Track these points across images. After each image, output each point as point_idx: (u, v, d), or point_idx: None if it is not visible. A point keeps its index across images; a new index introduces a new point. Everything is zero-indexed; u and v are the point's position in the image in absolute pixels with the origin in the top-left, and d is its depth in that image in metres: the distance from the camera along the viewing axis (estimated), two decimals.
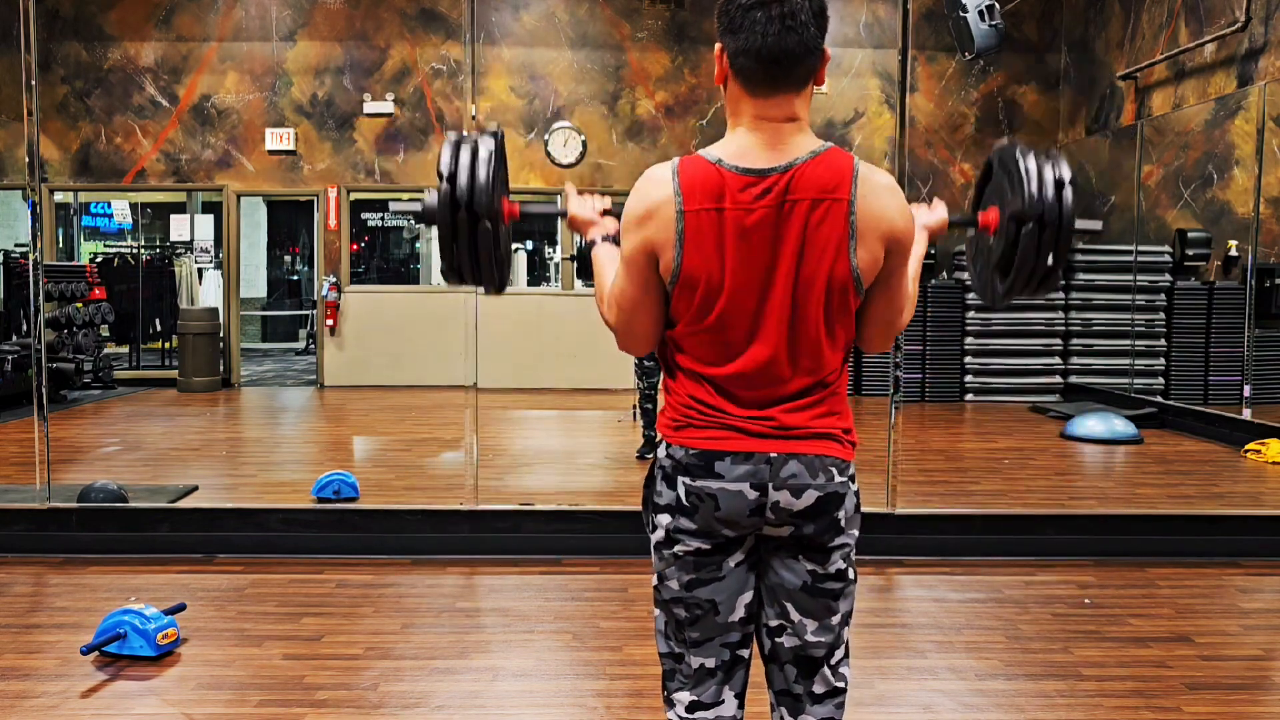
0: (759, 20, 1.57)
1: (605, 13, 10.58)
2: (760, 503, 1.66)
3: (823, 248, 1.59)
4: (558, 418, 9.19)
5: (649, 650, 3.36)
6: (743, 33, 1.58)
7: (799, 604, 1.71)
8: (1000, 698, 3.07)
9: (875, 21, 10.58)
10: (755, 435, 1.66)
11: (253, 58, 10.52)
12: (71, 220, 12.33)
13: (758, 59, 1.58)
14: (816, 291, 1.62)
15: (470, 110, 5.02)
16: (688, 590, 1.71)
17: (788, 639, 1.72)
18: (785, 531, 1.69)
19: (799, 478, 1.66)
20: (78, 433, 7.85)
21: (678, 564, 1.71)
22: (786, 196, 1.59)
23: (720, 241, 1.60)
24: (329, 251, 10.67)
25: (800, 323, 1.64)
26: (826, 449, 1.69)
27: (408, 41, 10.55)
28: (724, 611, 1.71)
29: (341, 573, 4.23)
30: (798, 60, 1.58)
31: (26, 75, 4.62)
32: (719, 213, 1.59)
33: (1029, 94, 10.75)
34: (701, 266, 1.60)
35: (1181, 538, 4.55)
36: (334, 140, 10.60)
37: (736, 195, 1.59)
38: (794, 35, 1.57)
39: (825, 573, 1.70)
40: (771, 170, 1.59)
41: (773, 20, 1.56)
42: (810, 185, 1.59)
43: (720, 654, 1.73)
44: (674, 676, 1.77)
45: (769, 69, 1.58)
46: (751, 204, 1.59)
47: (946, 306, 9.75)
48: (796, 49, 1.58)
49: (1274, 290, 8.10)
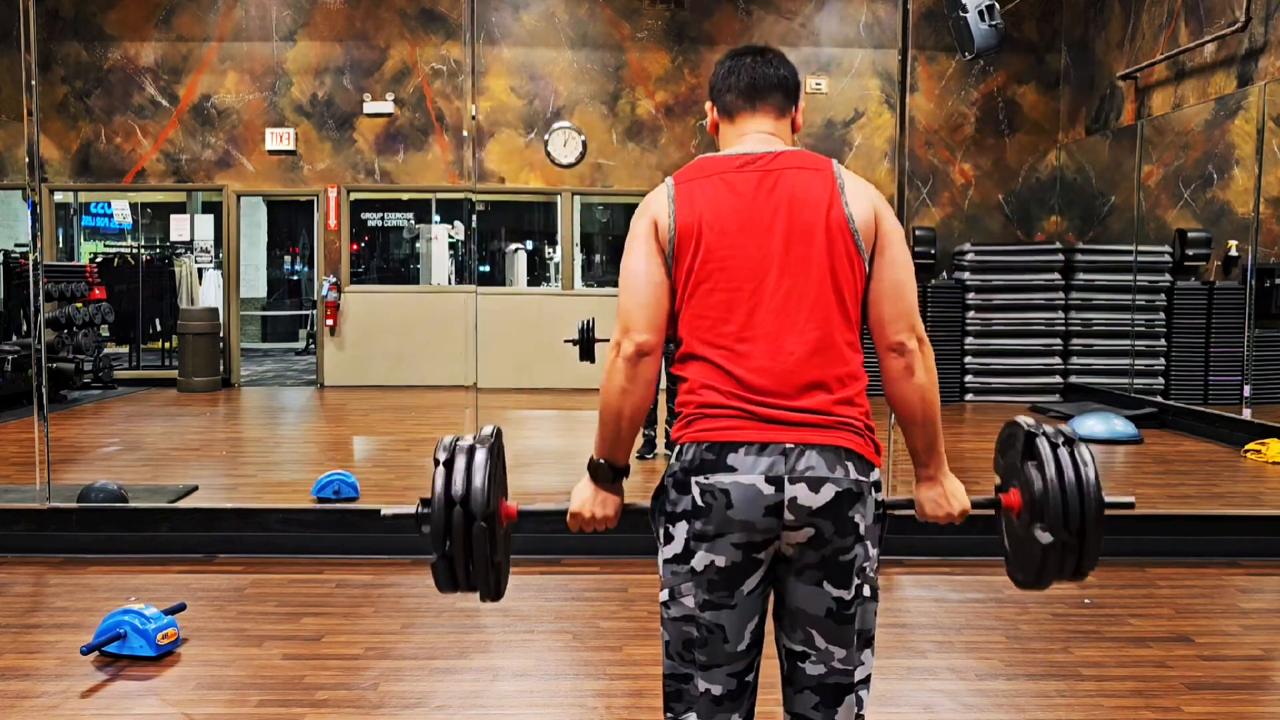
0: (738, 67, 1.88)
1: (605, 13, 10.58)
2: (777, 500, 1.63)
3: (815, 201, 1.73)
4: (558, 418, 9.19)
5: (649, 650, 3.36)
6: (728, 79, 1.88)
7: (825, 631, 1.69)
8: (1000, 698, 3.07)
9: (875, 21, 10.58)
10: (770, 422, 1.65)
11: (253, 58, 10.52)
12: (71, 220, 12.32)
13: (738, 90, 1.87)
14: (817, 241, 1.71)
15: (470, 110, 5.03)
16: (701, 610, 1.68)
17: (811, 666, 1.70)
18: (804, 536, 1.65)
19: (816, 470, 1.63)
20: (78, 433, 7.85)
21: (694, 580, 1.68)
22: (773, 166, 1.77)
23: (712, 198, 1.74)
24: (329, 251, 10.67)
25: (804, 277, 1.68)
26: (846, 440, 1.66)
27: (408, 41, 10.55)
28: (732, 640, 1.69)
29: (341, 573, 4.23)
30: (773, 86, 1.86)
31: (26, 75, 4.62)
32: (708, 179, 1.77)
33: (1029, 94, 10.75)
34: (694, 216, 1.73)
35: (1181, 538, 4.55)
36: (334, 140, 10.59)
37: (725, 170, 1.78)
38: (769, 68, 1.86)
39: (849, 597, 1.68)
40: (759, 153, 1.79)
41: (749, 65, 1.87)
42: (795, 161, 1.78)
43: (728, 683, 1.71)
44: (680, 698, 1.74)
45: (748, 92, 1.86)
46: (740, 170, 1.77)
47: (946, 306, 9.75)
48: (772, 76, 1.86)
49: (1274, 290, 8.10)
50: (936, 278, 10.16)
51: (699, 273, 1.71)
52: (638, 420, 1.74)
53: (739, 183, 1.74)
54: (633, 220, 1.79)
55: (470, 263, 12.90)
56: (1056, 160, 10.77)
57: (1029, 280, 9.74)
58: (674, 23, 10.57)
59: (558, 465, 6.91)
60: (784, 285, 1.69)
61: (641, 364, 1.71)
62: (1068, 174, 10.74)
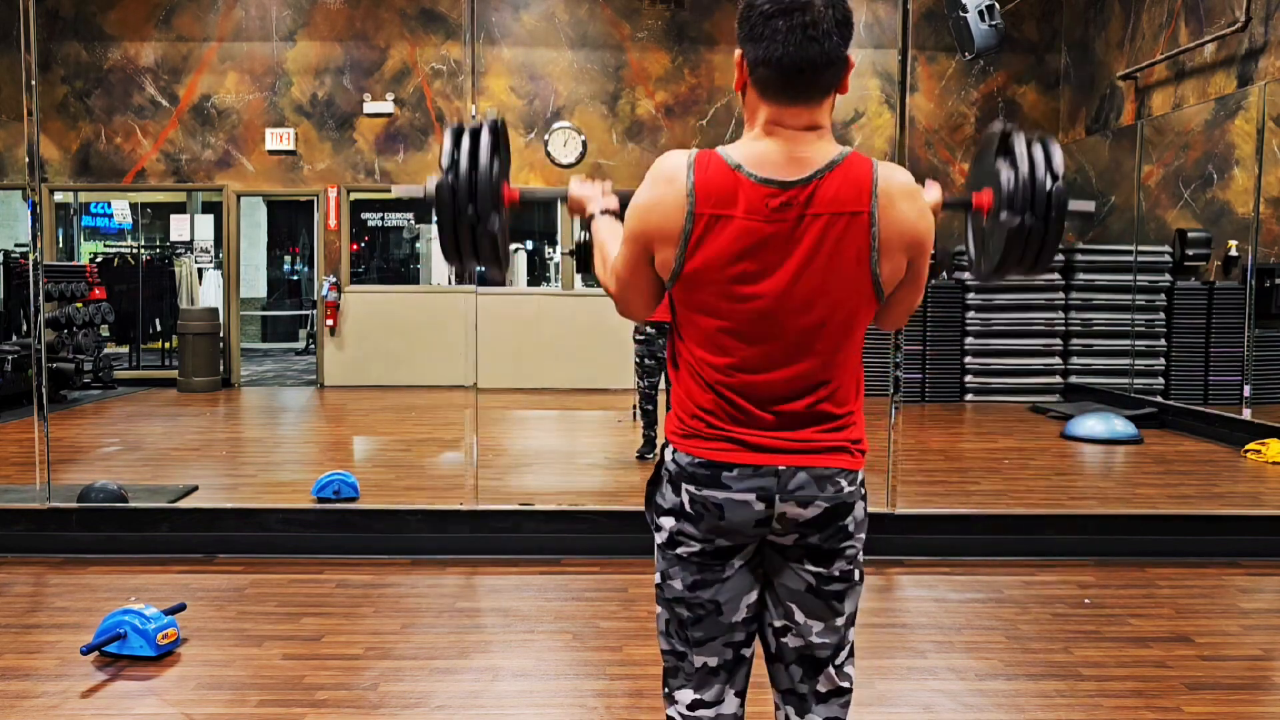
0: (780, 29, 1.52)
1: (605, 13, 10.58)
2: (766, 515, 1.64)
3: (842, 259, 1.56)
4: (558, 418, 9.19)
5: (649, 650, 3.36)
6: (764, 41, 1.54)
7: (803, 605, 1.70)
8: (1000, 698, 3.07)
9: (875, 21, 10.58)
10: (763, 449, 1.64)
11: (253, 58, 10.52)
12: (71, 220, 12.33)
13: (779, 69, 1.54)
14: (832, 290, 1.58)
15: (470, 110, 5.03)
16: (691, 591, 1.70)
17: (792, 639, 1.72)
18: (790, 540, 1.67)
19: (806, 489, 1.64)
20: (78, 433, 7.85)
21: (681, 565, 1.71)
22: (806, 210, 1.55)
23: (733, 237, 1.56)
24: (329, 251, 10.67)
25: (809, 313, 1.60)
26: (836, 461, 1.66)
27: (408, 41, 10.55)
28: (727, 612, 1.71)
29: (341, 573, 4.23)
30: (819, 71, 1.54)
31: (26, 75, 4.62)
32: (732, 220, 1.56)
33: (1029, 94, 10.75)
34: (707, 249, 1.57)
35: (1181, 538, 4.55)
36: (334, 140, 10.59)
37: (754, 204, 1.55)
38: (816, 45, 1.53)
39: (830, 574, 1.69)
40: (792, 184, 1.55)
41: (794, 29, 1.52)
42: (830, 200, 1.55)
43: (723, 653, 1.73)
44: (676, 674, 1.77)
45: (790, 80, 1.54)
46: (769, 215, 1.55)
47: (946, 306, 9.75)
48: (819, 59, 1.53)
49: (1274, 290, 8.09)
50: (936, 278, 10.16)
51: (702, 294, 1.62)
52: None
53: (764, 235, 1.56)
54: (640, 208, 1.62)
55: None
56: None
57: (1029, 280, 9.74)
58: (674, 23, 10.57)
59: (558, 465, 6.91)
60: (791, 318, 1.60)
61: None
62: (1068, 174, 10.72)
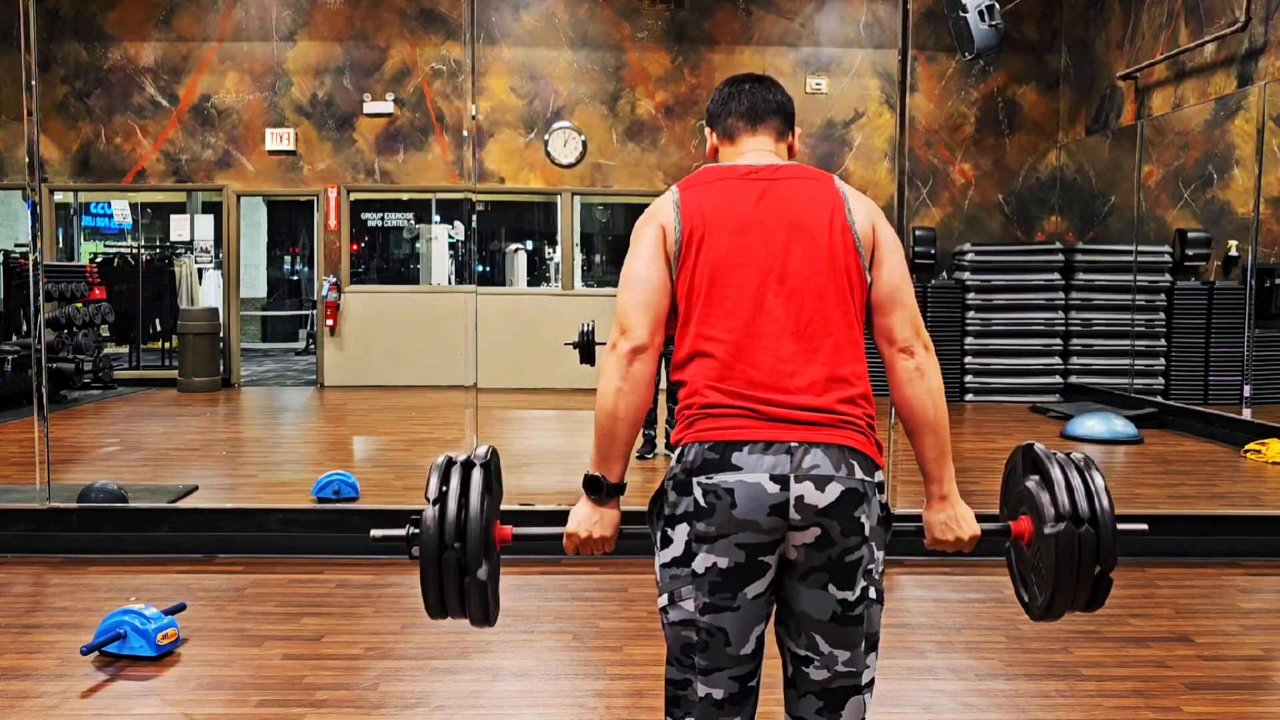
0: (738, 92, 1.93)
1: (605, 13, 10.58)
2: (782, 499, 1.61)
3: (819, 207, 1.77)
4: (558, 418, 9.19)
5: (649, 650, 3.36)
6: (729, 103, 1.93)
7: (829, 636, 1.67)
8: (1000, 698, 3.07)
9: (875, 21, 10.58)
10: (775, 421, 1.64)
11: (253, 58, 10.52)
12: (71, 220, 12.32)
13: (739, 114, 1.91)
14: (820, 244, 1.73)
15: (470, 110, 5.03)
16: (701, 614, 1.66)
17: (815, 671, 1.69)
18: (810, 536, 1.63)
19: (822, 468, 1.62)
20: (78, 433, 7.85)
21: (694, 582, 1.66)
22: (776, 176, 1.81)
23: (717, 203, 1.77)
24: (329, 251, 10.67)
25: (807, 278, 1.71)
26: (850, 439, 1.66)
27: (408, 41, 10.55)
28: (735, 643, 1.67)
29: (341, 573, 4.23)
30: (772, 111, 1.91)
31: (26, 75, 4.62)
32: (712, 185, 1.81)
33: (1029, 94, 10.75)
34: (699, 220, 1.76)
35: (1181, 538, 4.55)
36: (334, 140, 10.59)
37: (730, 177, 1.82)
38: (768, 93, 1.92)
39: (854, 599, 1.67)
40: (762, 165, 1.85)
41: (747, 91, 1.93)
42: (797, 172, 1.83)
43: (729, 686, 1.69)
44: (679, 703, 1.72)
45: (749, 115, 1.91)
46: (744, 178, 1.81)
47: (946, 306, 9.75)
48: (771, 102, 1.92)
49: (1274, 290, 8.10)
50: (936, 278, 10.16)
51: (703, 274, 1.72)
52: (633, 423, 1.71)
53: (743, 189, 1.78)
54: (637, 226, 1.82)
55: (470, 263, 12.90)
56: (1056, 160, 10.77)
57: (1029, 280, 9.74)
58: (674, 23, 10.57)
59: (557, 465, 6.91)
60: (787, 286, 1.71)
61: (637, 362, 1.70)
62: (1068, 174, 10.74)
